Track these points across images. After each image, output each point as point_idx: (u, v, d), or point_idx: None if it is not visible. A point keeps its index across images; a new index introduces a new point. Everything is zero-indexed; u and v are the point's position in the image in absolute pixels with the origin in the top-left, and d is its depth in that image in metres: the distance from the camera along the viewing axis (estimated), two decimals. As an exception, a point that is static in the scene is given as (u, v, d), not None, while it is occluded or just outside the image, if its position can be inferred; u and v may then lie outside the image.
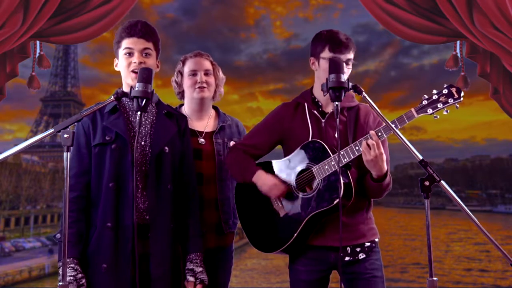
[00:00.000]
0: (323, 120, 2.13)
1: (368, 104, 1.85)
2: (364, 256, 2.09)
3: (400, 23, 3.12)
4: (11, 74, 3.11)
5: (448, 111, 1.94)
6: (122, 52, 2.08)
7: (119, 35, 2.09)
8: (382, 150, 1.94)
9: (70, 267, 1.89)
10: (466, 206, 1.67)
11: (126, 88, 2.09)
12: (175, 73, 2.52)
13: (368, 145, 1.93)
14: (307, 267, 2.10)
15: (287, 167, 2.14)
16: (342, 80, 1.77)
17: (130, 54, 2.06)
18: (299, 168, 2.10)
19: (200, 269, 2.02)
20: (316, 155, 2.06)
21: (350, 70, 2.11)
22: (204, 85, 2.43)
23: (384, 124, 1.93)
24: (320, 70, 2.11)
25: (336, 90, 1.77)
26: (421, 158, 1.71)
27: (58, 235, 1.90)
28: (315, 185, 2.05)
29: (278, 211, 2.14)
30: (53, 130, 1.68)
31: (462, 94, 1.92)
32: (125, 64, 2.07)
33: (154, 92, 1.85)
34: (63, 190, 1.66)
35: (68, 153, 1.65)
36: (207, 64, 2.48)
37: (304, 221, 2.03)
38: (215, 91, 2.51)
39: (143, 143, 2.04)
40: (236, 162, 2.20)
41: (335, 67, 1.79)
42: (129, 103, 2.09)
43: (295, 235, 2.05)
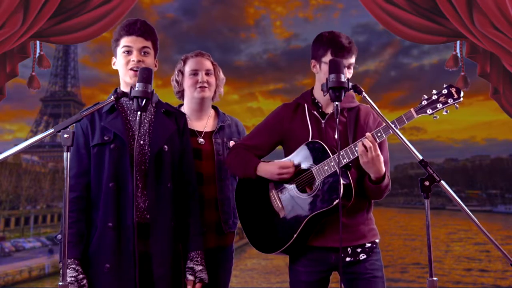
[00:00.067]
0: (323, 121, 2.13)
1: (368, 105, 1.85)
2: (365, 256, 2.09)
3: (400, 23, 3.12)
4: (11, 74, 3.11)
5: (448, 111, 1.93)
6: (120, 50, 2.07)
7: (118, 33, 2.08)
8: (379, 152, 1.94)
9: (71, 267, 1.88)
10: (466, 206, 1.67)
11: (123, 87, 2.09)
12: (176, 72, 2.51)
13: (364, 146, 1.93)
14: (307, 268, 2.10)
15: None
16: (342, 80, 1.77)
17: (129, 53, 2.06)
18: (299, 168, 2.10)
19: (200, 267, 2.02)
20: (316, 155, 2.06)
21: (351, 74, 2.10)
22: (205, 84, 2.43)
23: (384, 124, 1.93)
24: (322, 73, 2.11)
25: (336, 90, 1.76)
26: (421, 158, 1.71)
27: (59, 236, 1.89)
28: (315, 185, 2.05)
29: (278, 212, 2.13)
30: (53, 130, 1.68)
31: (462, 94, 1.91)
32: (123, 62, 2.06)
33: (154, 92, 1.85)
34: (63, 190, 1.66)
35: (68, 153, 1.65)
36: (208, 64, 2.47)
37: (304, 221, 2.03)
38: (215, 91, 2.51)
39: (142, 142, 2.03)
40: (238, 157, 2.20)
41: (335, 67, 1.78)
42: (127, 102, 2.08)
43: (295, 235, 2.04)
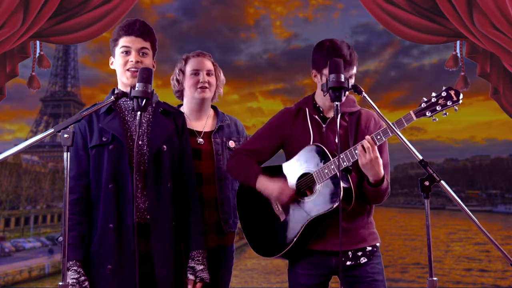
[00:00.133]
0: (324, 125, 2.13)
1: (368, 105, 1.84)
2: (365, 260, 2.08)
3: (400, 23, 3.12)
4: (11, 74, 3.11)
5: (447, 113, 1.94)
6: (119, 50, 2.06)
7: (117, 33, 2.08)
8: (378, 154, 1.93)
9: (73, 269, 1.88)
10: (466, 206, 1.66)
11: (121, 87, 2.09)
12: (176, 71, 2.49)
13: (363, 148, 1.93)
14: (307, 271, 2.10)
15: (289, 170, 2.13)
16: (342, 80, 1.76)
17: (127, 53, 2.05)
18: (300, 172, 2.09)
19: (201, 267, 2.01)
20: (316, 159, 2.05)
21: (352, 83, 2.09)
22: (206, 85, 2.43)
23: (384, 126, 1.93)
24: (322, 83, 2.09)
25: (336, 90, 1.76)
26: (421, 158, 1.71)
27: (61, 238, 1.87)
28: (315, 189, 2.05)
29: (278, 216, 2.13)
30: (53, 130, 1.68)
31: (461, 96, 1.90)
32: (121, 62, 2.06)
33: (154, 92, 1.84)
34: (63, 190, 1.66)
35: (68, 153, 1.64)
36: (209, 65, 2.47)
37: (304, 225, 2.03)
38: (215, 92, 2.51)
39: (140, 142, 2.02)
40: (239, 164, 2.18)
41: (335, 67, 1.78)
42: (124, 102, 2.08)
43: (295, 239, 2.04)
